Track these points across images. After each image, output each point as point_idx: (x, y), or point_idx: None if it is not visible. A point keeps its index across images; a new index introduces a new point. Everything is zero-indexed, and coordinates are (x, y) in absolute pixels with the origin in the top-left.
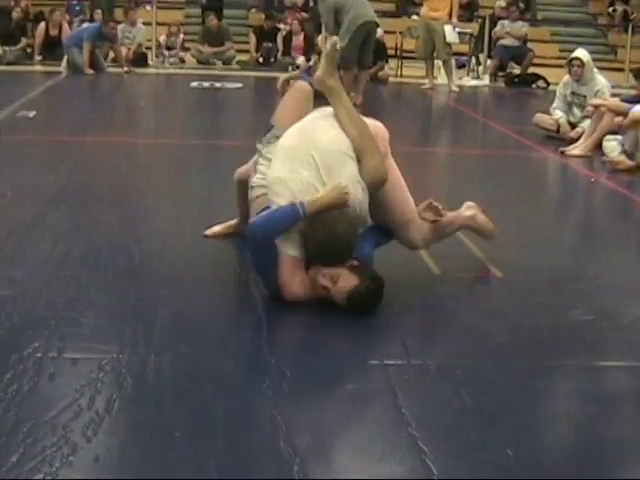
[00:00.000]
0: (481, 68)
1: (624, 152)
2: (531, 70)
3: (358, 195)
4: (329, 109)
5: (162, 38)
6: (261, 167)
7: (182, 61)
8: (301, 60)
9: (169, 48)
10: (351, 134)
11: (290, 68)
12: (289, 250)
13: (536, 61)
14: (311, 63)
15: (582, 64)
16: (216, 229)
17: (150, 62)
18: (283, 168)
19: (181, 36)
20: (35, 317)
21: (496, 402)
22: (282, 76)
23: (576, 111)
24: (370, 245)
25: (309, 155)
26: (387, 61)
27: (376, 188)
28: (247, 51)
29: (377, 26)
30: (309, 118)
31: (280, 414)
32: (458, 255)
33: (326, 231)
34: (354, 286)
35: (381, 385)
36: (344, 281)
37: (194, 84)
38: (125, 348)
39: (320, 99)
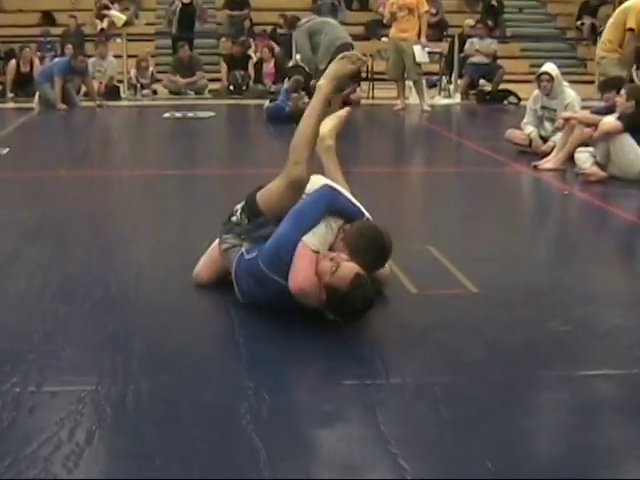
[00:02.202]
0: (452, 87)
1: (596, 163)
2: (502, 86)
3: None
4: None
5: (132, 72)
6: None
7: (154, 92)
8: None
9: (141, 86)
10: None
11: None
12: (313, 244)
13: (507, 77)
14: (286, 86)
15: (551, 78)
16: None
17: (122, 95)
18: None
19: (151, 69)
20: (13, 352)
21: (475, 416)
22: None
23: (547, 125)
24: None
25: None
26: (359, 84)
27: (291, 189)
28: (219, 80)
29: (352, 48)
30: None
31: (260, 438)
32: (433, 272)
33: (373, 226)
34: (360, 272)
35: (360, 404)
36: (350, 264)
37: (167, 115)
38: (104, 379)
39: None
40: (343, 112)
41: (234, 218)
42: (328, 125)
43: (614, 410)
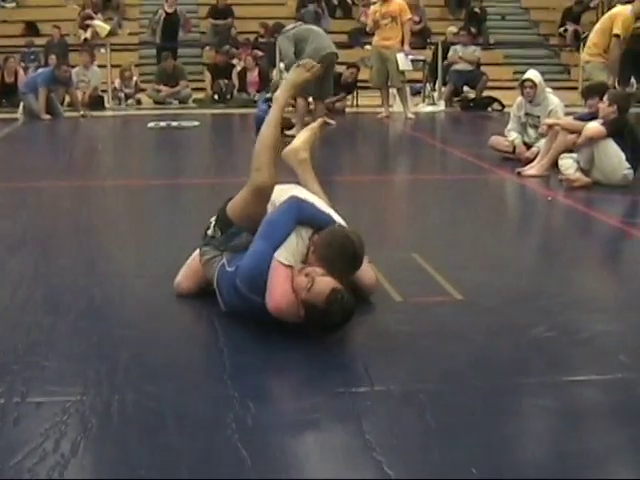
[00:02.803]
0: (436, 94)
1: (580, 169)
2: (486, 93)
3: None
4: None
5: (116, 82)
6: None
7: (138, 102)
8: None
9: (126, 96)
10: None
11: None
12: (285, 258)
13: (490, 84)
14: (268, 95)
15: (534, 85)
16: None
17: (107, 105)
18: None
19: (134, 78)
20: None
21: (460, 423)
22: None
23: (531, 132)
24: None
25: None
26: (350, 92)
27: (256, 195)
28: (203, 89)
29: (337, 57)
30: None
31: (245, 447)
32: (418, 280)
33: (341, 234)
34: (336, 286)
35: (345, 413)
36: (326, 279)
37: (151, 124)
38: (89, 389)
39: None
40: (317, 124)
41: (209, 231)
42: (302, 137)
43: (599, 415)
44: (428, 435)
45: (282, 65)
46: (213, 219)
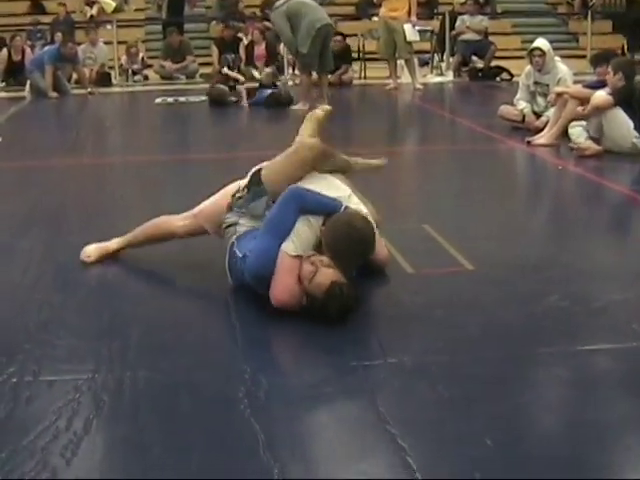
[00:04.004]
0: (444, 65)
1: (590, 138)
2: (494, 63)
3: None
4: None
5: (123, 58)
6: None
7: (146, 78)
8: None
9: (133, 72)
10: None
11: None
12: (293, 249)
13: (499, 54)
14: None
15: (543, 53)
16: (93, 257)
17: (114, 81)
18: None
19: (141, 54)
20: (9, 342)
21: (473, 394)
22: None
23: (540, 100)
24: None
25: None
26: (351, 64)
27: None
28: (210, 64)
29: (332, 28)
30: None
31: (258, 421)
32: (429, 251)
33: (346, 223)
34: (336, 280)
35: (358, 385)
36: (328, 272)
37: (158, 100)
38: (101, 367)
39: None
40: (320, 111)
41: (238, 194)
42: (308, 130)
43: (613, 385)
44: (441, 406)
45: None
46: (244, 182)
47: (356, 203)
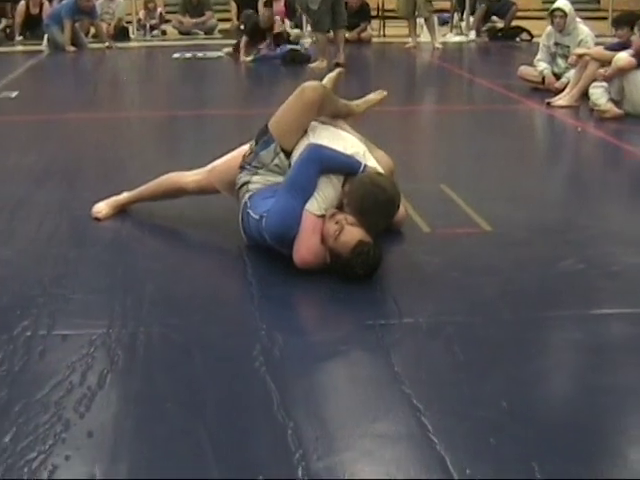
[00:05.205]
0: (464, 24)
1: (611, 100)
2: (514, 23)
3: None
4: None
5: (141, 13)
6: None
7: (164, 33)
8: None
9: (150, 27)
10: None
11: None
12: (317, 208)
13: (519, 14)
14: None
15: (564, 14)
16: (104, 211)
17: (131, 36)
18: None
19: (159, 9)
20: (23, 296)
21: (489, 356)
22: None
23: (560, 62)
24: None
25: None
26: (370, 22)
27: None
28: (229, 20)
29: None
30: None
31: (272, 379)
32: (446, 212)
33: (373, 183)
34: (363, 239)
35: (373, 345)
36: (353, 230)
37: (176, 55)
38: (115, 322)
39: None
40: (334, 74)
41: (249, 151)
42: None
43: (629, 349)
44: (457, 368)
45: None
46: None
47: (372, 160)
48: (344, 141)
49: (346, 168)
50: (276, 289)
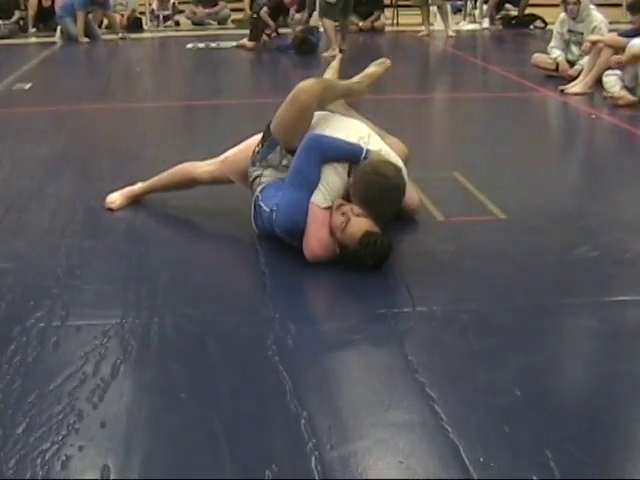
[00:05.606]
0: (477, 12)
1: (625, 87)
2: (528, 11)
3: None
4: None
5: (154, 4)
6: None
7: (177, 24)
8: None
9: (164, 18)
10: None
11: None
12: (323, 200)
13: (533, 1)
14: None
15: (577, 1)
16: (118, 201)
17: (145, 27)
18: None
19: (172, 0)
20: (37, 287)
21: (503, 344)
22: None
23: (574, 49)
24: None
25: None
26: (383, 10)
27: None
28: (242, 9)
29: None
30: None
31: (285, 369)
32: (460, 199)
33: (375, 172)
34: (370, 229)
35: (387, 333)
36: (360, 221)
37: (189, 45)
38: (128, 312)
39: None
40: (335, 63)
41: (256, 148)
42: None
43: None
44: (471, 356)
45: None
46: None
47: (378, 144)
48: (347, 128)
49: (347, 155)
50: (289, 278)
